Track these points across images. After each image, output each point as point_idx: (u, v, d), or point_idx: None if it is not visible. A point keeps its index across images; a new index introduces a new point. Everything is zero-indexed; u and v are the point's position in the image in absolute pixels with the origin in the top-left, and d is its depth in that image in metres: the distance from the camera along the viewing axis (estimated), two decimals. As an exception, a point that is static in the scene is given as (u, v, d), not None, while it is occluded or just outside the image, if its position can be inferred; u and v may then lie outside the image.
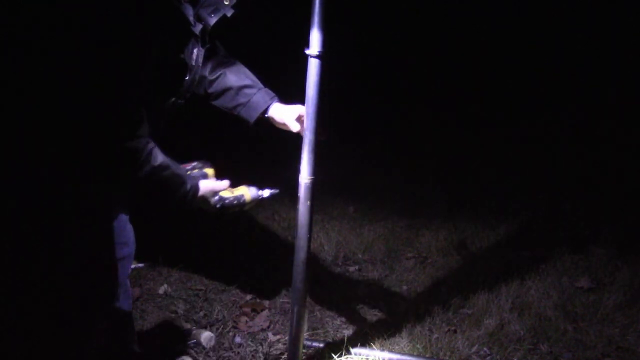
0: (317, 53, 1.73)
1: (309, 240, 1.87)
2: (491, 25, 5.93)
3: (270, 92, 1.93)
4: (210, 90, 1.88)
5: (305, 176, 1.82)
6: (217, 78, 1.87)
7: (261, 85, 1.92)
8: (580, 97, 5.65)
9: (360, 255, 3.27)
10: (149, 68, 1.39)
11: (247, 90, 1.88)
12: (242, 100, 1.88)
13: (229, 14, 1.65)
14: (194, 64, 1.61)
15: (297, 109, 1.87)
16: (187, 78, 1.59)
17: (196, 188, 1.63)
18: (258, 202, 1.85)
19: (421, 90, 5.84)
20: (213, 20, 1.61)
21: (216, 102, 1.91)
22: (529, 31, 5.94)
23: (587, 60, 5.76)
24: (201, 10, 1.58)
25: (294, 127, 1.87)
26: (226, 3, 1.63)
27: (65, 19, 1.31)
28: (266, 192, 1.87)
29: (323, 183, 1.90)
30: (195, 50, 1.60)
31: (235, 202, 1.77)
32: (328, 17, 1.73)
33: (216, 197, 1.73)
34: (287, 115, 1.88)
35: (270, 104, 1.89)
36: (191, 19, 1.53)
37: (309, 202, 1.83)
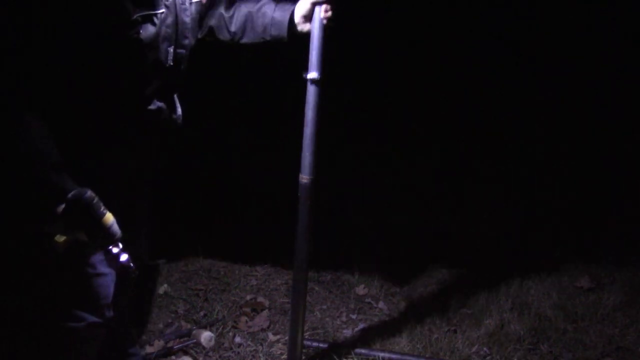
0: (316, 78, 1.76)
1: (309, 240, 1.87)
2: (493, 27, 5.92)
3: (286, 3, 1.84)
4: (233, 29, 1.82)
5: (305, 176, 1.82)
6: (234, 13, 1.81)
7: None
8: (580, 97, 5.64)
9: (360, 256, 3.27)
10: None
11: (265, 9, 1.81)
12: (266, 20, 1.81)
13: None
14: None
15: None
16: (160, 11, 1.48)
17: (82, 192, 1.35)
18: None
19: (423, 89, 5.83)
20: None
21: (245, 40, 1.83)
22: (532, 34, 5.93)
23: (586, 59, 5.75)
24: None
25: None
26: None
27: None
28: (123, 256, 1.41)
29: (323, 183, 1.90)
30: None
31: (100, 208, 1.36)
32: (327, 43, 1.76)
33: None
34: None
35: (293, 9, 1.81)
36: None
37: (309, 202, 1.83)
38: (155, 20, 1.47)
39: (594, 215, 3.87)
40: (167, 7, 1.50)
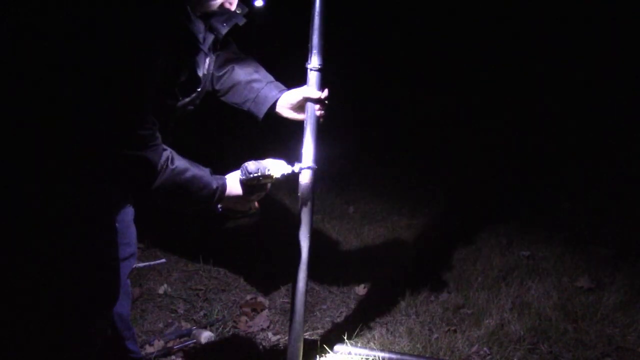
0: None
1: (309, 240, 1.87)
2: (490, 20, 5.93)
3: (279, 84, 1.87)
4: (217, 87, 1.85)
5: (305, 176, 1.82)
6: (224, 74, 1.84)
7: (271, 79, 1.88)
8: (580, 96, 5.65)
9: (360, 255, 3.27)
10: (159, 81, 1.40)
11: (255, 85, 1.84)
12: (250, 95, 1.84)
13: (240, 23, 1.67)
14: (205, 72, 1.62)
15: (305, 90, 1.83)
16: (199, 89, 1.60)
17: (223, 186, 1.62)
18: (284, 179, 1.72)
19: (421, 88, 5.84)
20: (225, 29, 1.63)
21: (225, 98, 1.88)
22: (528, 27, 5.94)
23: (588, 60, 5.76)
24: (214, 20, 1.60)
25: (316, 94, 1.80)
26: (238, 12, 1.65)
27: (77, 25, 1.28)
28: (297, 167, 1.75)
29: (323, 183, 1.90)
30: (207, 60, 1.62)
31: (259, 174, 1.64)
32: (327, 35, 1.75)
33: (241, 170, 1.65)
34: (303, 90, 1.81)
35: (279, 97, 1.84)
36: (201, 35, 1.53)
37: (309, 202, 1.83)
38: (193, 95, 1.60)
39: (594, 214, 3.87)
40: (202, 80, 1.60)
